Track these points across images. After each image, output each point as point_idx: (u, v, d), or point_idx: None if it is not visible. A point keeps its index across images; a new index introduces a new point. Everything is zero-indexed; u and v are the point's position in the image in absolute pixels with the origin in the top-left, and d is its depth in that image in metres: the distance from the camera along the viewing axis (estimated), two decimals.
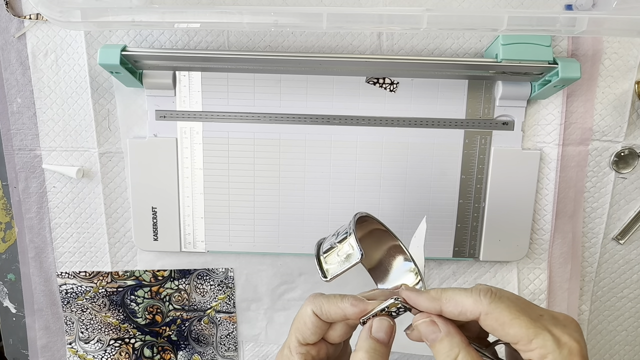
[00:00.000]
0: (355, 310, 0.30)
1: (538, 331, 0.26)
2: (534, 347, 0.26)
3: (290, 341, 0.32)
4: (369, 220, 0.34)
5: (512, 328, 0.26)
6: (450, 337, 0.28)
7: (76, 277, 0.52)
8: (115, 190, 0.50)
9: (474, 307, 0.27)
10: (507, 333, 0.26)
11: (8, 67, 0.47)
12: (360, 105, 0.47)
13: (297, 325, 0.32)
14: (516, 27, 0.34)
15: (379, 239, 0.35)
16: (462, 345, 0.28)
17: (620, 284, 0.52)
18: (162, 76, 0.46)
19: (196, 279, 0.52)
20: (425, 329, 0.29)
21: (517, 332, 0.26)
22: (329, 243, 0.33)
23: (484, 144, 0.47)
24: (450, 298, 0.28)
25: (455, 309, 0.28)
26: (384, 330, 0.30)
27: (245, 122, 0.47)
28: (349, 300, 0.30)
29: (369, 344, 0.29)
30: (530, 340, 0.26)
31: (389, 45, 0.46)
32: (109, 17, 0.35)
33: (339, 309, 0.30)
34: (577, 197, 0.49)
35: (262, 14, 0.35)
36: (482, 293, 0.27)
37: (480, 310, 0.27)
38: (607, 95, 0.47)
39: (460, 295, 0.28)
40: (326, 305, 0.31)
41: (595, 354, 0.54)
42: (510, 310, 0.26)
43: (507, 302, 0.27)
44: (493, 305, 0.27)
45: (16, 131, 0.49)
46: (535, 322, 0.26)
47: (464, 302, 0.28)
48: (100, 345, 0.54)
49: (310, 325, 0.31)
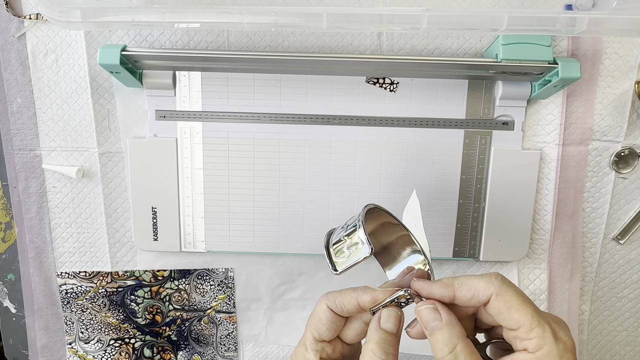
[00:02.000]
0: (367, 297, 0.31)
1: (540, 321, 0.27)
2: (533, 336, 0.27)
3: (306, 338, 0.32)
4: (378, 212, 0.35)
5: (518, 313, 0.27)
6: (451, 326, 0.28)
7: (76, 277, 0.52)
8: (115, 190, 0.50)
9: (486, 289, 0.28)
10: (512, 317, 0.27)
11: (8, 67, 0.47)
12: (360, 105, 0.47)
13: (312, 322, 0.32)
14: (516, 27, 0.34)
15: (388, 229, 0.35)
16: (461, 336, 0.28)
17: (620, 284, 0.52)
18: (162, 76, 0.46)
19: (196, 279, 0.52)
20: (427, 315, 0.29)
21: (522, 318, 0.27)
22: (338, 235, 0.33)
23: (484, 144, 0.47)
24: (462, 283, 0.29)
25: (468, 293, 0.29)
26: (392, 320, 0.30)
27: (245, 122, 0.47)
28: (361, 289, 0.31)
29: (378, 334, 0.30)
30: (532, 329, 0.27)
31: (389, 45, 0.46)
32: (109, 17, 0.35)
33: (352, 299, 0.31)
34: (577, 197, 0.49)
35: (262, 14, 0.35)
36: (494, 277, 0.29)
37: (492, 292, 0.28)
38: (607, 95, 0.47)
39: (472, 279, 0.29)
40: (339, 298, 0.31)
41: (596, 354, 0.54)
42: (519, 296, 0.28)
43: (516, 289, 0.28)
44: (504, 288, 0.28)
45: (16, 131, 0.49)
46: (539, 314, 0.27)
47: (476, 285, 0.29)
48: (100, 345, 0.54)
49: (325, 320, 0.31)
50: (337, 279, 0.52)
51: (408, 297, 0.30)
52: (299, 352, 0.32)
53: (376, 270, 0.36)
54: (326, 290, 0.33)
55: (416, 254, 0.34)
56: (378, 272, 0.36)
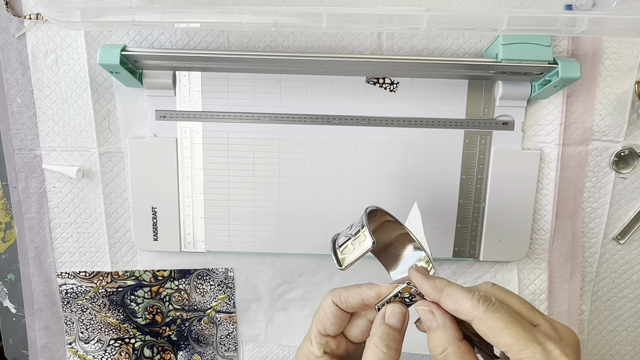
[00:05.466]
0: (371, 292, 0.31)
1: (528, 343, 0.26)
2: (523, 357, 0.26)
3: (311, 332, 0.33)
4: (379, 214, 0.36)
5: (503, 337, 0.27)
6: (444, 329, 0.29)
7: (76, 277, 0.52)
8: (115, 190, 0.50)
9: (470, 311, 0.28)
10: (498, 341, 0.27)
11: (8, 67, 0.47)
12: (360, 105, 0.47)
13: (317, 316, 0.33)
14: (516, 27, 0.34)
15: (390, 230, 0.36)
16: (453, 340, 0.29)
17: (620, 284, 0.52)
18: (162, 76, 0.46)
19: (196, 279, 0.52)
20: (424, 316, 0.30)
21: (507, 341, 0.27)
22: (343, 237, 0.35)
23: (484, 144, 0.47)
24: (451, 293, 0.29)
25: (452, 306, 0.29)
26: (397, 316, 0.31)
27: (245, 122, 0.47)
28: (366, 285, 0.32)
29: (382, 329, 0.31)
30: (520, 351, 0.26)
31: (389, 45, 0.46)
32: (109, 17, 0.35)
33: (357, 294, 0.32)
34: (577, 197, 0.49)
35: (262, 14, 0.35)
36: (482, 300, 0.28)
37: (474, 316, 0.28)
38: (607, 95, 0.47)
39: (461, 294, 0.29)
40: (344, 294, 0.32)
41: (596, 354, 0.54)
42: (503, 320, 0.27)
43: (503, 312, 0.27)
44: (487, 314, 0.27)
45: (16, 131, 0.49)
46: (528, 333, 0.27)
47: (462, 302, 0.28)
48: (100, 345, 0.54)
49: (330, 315, 0.32)
50: (337, 279, 0.52)
51: (411, 290, 0.31)
52: (304, 345, 0.33)
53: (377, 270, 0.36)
54: (326, 290, 0.34)
55: (417, 252, 0.35)
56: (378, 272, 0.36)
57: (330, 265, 0.51)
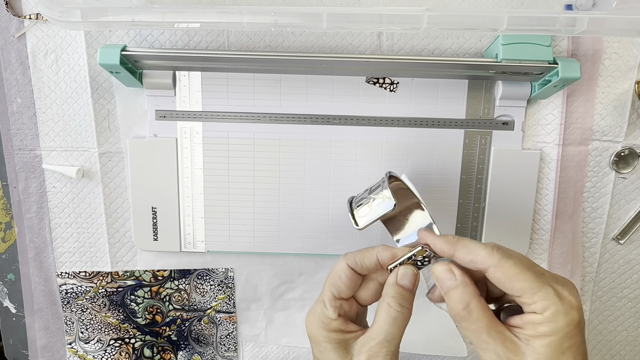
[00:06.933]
0: (387, 254, 0.33)
1: (541, 285, 0.28)
2: (537, 299, 0.28)
3: (325, 295, 0.34)
4: (394, 180, 0.37)
5: (518, 281, 0.28)
6: (464, 285, 0.30)
7: (76, 277, 0.52)
8: (115, 190, 0.50)
9: (485, 259, 0.29)
10: (513, 286, 0.28)
11: (8, 67, 0.47)
12: (360, 105, 0.47)
13: (331, 280, 0.34)
14: (516, 27, 0.34)
15: (401, 197, 0.37)
16: (475, 294, 0.30)
17: (620, 284, 0.52)
18: (162, 76, 0.46)
19: (196, 279, 0.52)
20: (443, 274, 0.31)
21: (522, 285, 0.28)
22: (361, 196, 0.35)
23: (484, 144, 0.47)
24: (465, 245, 0.30)
25: (467, 256, 0.30)
26: (409, 277, 0.32)
27: (245, 122, 0.47)
28: (381, 247, 0.33)
29: (395, 289, 0.32)
30: (534, 293, 0.28)
31: (389, 45, 0.46)
32: (109, 17, 0.35)
33: (372, 256, 0.33)
34: (577, 197, 0.49)
35: (262, 14, 0.35)
36: (495, 249, 0.29)
37: (490, 263, 0.29)
38: (607, 95, 0.47)
39: (475, 244, 0.30)
40: (359, 256, 0.33)
41: (596, 354, 0.54)
42: (517, 266, 0.29)
43: (515, 260, 0.29)
44: (503, 261, 0.29)
45: (16, 131, 0.49)
46: (539, 277, 0.28)
47: (477, 252, 0.30)
48: (100, 345, 0.54)
49: (345, 279, 0.33)
50: None
51: (425, 254, 0.32)
52: (317, 308, 0.34)
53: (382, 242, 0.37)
54: None
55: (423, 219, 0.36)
56: None
57: (331, 265, 0.51)
